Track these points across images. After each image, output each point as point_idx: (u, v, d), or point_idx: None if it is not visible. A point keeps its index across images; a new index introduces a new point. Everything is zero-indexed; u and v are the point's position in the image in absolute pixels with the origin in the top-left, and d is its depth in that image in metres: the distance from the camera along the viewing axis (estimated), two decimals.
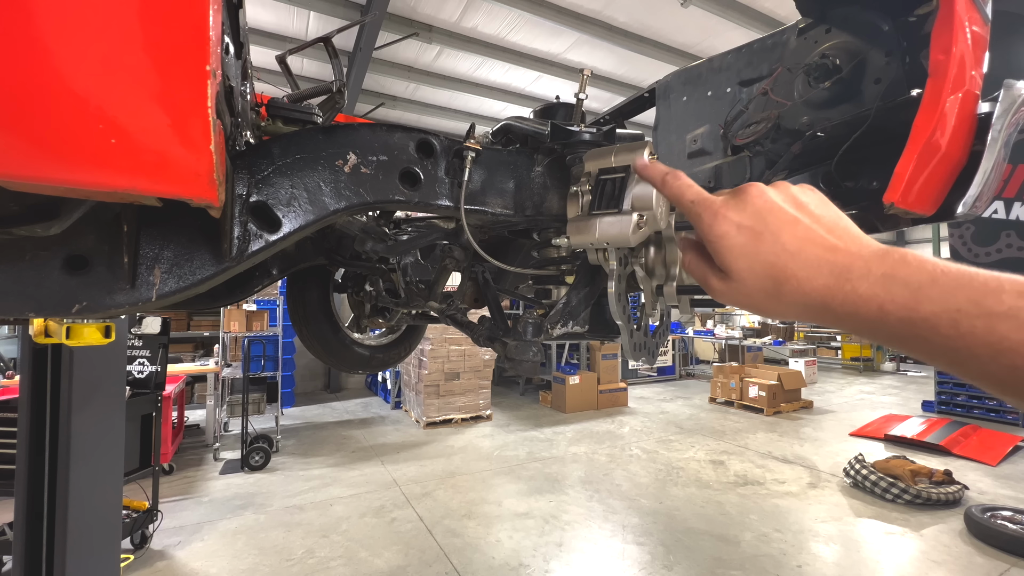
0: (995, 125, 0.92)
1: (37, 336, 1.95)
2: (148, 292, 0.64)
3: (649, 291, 0.81)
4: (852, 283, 0.42)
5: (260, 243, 0.67)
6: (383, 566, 3.68)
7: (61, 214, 0.60)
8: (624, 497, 4.92)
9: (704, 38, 7.43)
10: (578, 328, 0.94)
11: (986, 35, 0.97)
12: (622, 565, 3.73)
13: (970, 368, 0.37)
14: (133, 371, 4.19)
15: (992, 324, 0.35)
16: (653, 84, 1.65)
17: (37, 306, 0.61)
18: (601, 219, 0.73)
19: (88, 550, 2.38)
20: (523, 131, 0.99)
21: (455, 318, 1.27)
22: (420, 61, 7.96)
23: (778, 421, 7.89)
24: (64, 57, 0.43)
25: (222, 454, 6.11)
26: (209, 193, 0.50)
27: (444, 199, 0.84)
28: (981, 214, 1.57)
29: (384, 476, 5.46)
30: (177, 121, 0.47)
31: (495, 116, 9.39)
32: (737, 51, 1.41)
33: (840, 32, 1.14)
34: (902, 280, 0.39)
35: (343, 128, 0.77)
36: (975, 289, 0.36)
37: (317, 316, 1.66)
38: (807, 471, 5.63)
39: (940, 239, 10.37)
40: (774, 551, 3.89)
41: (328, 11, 6.39)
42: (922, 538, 4.10)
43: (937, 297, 0.37)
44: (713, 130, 1.40)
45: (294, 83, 1.38)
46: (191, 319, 8.25)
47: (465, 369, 7.83)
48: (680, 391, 10.63)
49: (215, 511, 4.58)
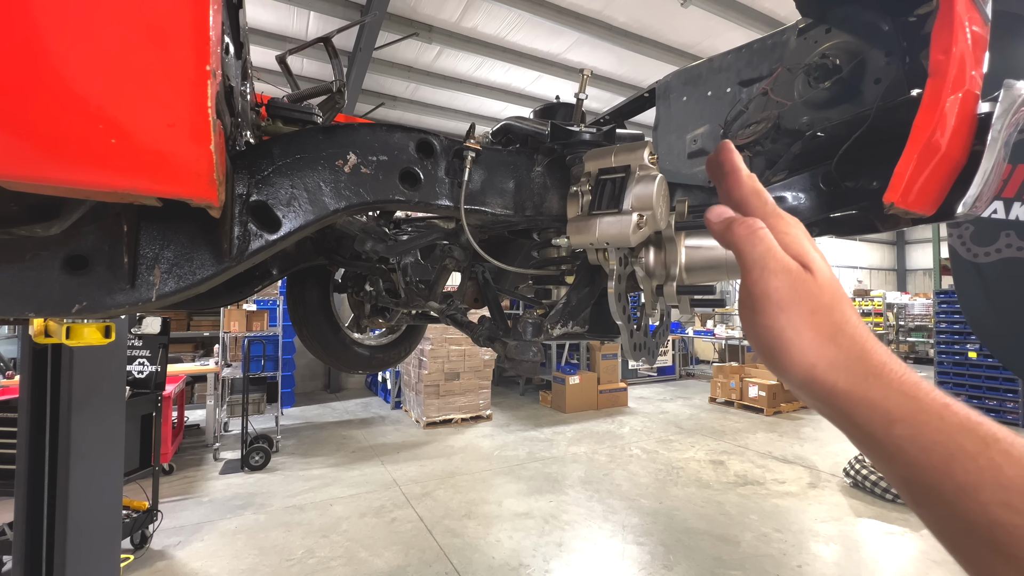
0: (995, 125, 0.92)
1: (37, 336, 1.95)
2: (148, 292, 0.64)
3: (649, 291, 0.81)
4: (866, 389, 0.41)
5: (260, 243, 0.67)
6: (383, 566, 3.68)
7: (61, 214, 0.60)
8: (624, 497, 4.92)
9: (704, 38, 7.43)
10: (578, 328, 0.94)
11: (986, 35, 0.97)
12: (622, 565, 3.73)
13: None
14: (133, 371, 4.19)
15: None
16: (653, 84, 1.65)
17: (37, 306, 0.61)
18: (601, 219, 0.73)
19: (88, 550, 2.38)
20: (523, 131, 0.98)
21: (455, 318, 1.27)
22: (420, 61, 7.96)
23: (778, 421, 7.88)
24: (64, 57, 0.43)
25: (222, 454, 6.11)
26: (209, 193, 0.50)
27: (444, 199, 0.84)
28: (981, 214, 1.57)
29: (384, 476, 5.46)
30: (177, 121, 0.47)
31: (495, 116, 9.39)
32: (737, 51, 1.41)
33: (840, 32, 1.14)
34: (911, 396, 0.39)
35: (343, 128, 0.77)
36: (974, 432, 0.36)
37: (317, 316, 1.66)
38: (807, 471, 5.63)
39: (940, 239, 10.36)
40: (774, 551, 3.89)
41: (328, 11, 6.40)
42: (922, 538, 4.10)
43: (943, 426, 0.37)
44: (713, 130, 1.40)
45: (294, 83, 1.37)
46: (191, 319, 8.25)
47: (465, 369, 7.83)
48: (680, 391, 10.63)
49: (215, 511, 4.58)
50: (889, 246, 22.27)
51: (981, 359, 7.98)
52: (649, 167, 0.76)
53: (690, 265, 0.76)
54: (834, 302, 0.44)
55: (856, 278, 20.42)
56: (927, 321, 15.22)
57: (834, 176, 1.08)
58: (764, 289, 0.44)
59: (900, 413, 0.38)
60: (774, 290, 0.44)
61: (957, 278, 4.14)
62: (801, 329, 0.43)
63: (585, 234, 0.75)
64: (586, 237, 0.74)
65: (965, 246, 3.98)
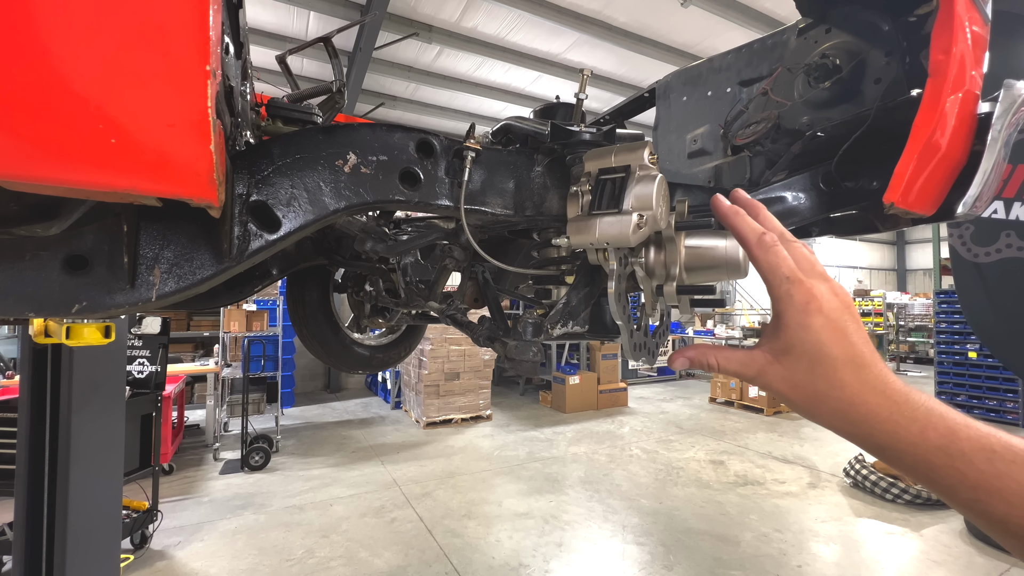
0: (995, 125, 0.92)
1: (37, 336, 1.95)
2: (148, 292, 0.64)
3: (649, 291, 0.81)
4: (900, 407, 0.45)
5: (260, 243, 0.67)
6: (383, 566, 3.68)
7: (61, 214, 0.60)
8: (624, 497, 4.92)
9: (704, 38, 7.43)
10: (578, 328, 0.94)
11: (986, 35, 0.97)
12: (622, 565, 3.73)
13: (993, 507, 0.40)
14: (133, 371, 4.19)
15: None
16: (653, 84, 1.65)
17: (37, 306, 0.61)
18: (601, 219, 0.73)
19: (88, 550, 2.38)
20: (523, 131, 0.98)
21: (455, 318, 1.27)
22: (420, 61, 7.96)
23: (778, 421, 7.88)
24: (64, 57, 0.43)
25: (222, 454, 6.11)
26: (209, 193, 0.50)
27: (444, 199, 0.84)
28: (981, 214, 1.57)
29: (384, 476, 5.46)
30: (177, 121, 0.47)
31: (495, 116, 9.39)
32: (737, 51, 1.41)
33: (840, 32, 1.14)
34: (939, 413, 0.44)
35: (343, 128, 0.77)
36: (1000, 439, 0.41)
37: (317, 316, 1.66)
38: (807, 471, 5.63)
39: (940, 239, 10.36)
40: (774, 551, 3.89)
41: (328, 11, 6.40)
42: (922, 538, 4.10)
43: (975, 436, 0.42)
44: (713, 130, 1.40)
45: (294, 83, 1.37)
46: (191, 319, 8.25)
47: (465, 369, 7.83)
48: (680, 391, 10.63)
49: (215, 511, 4.58)
50: (889, 246, 22.27)
51: (981, 359, 7.97)
52: (649, 167, 0.76)
53: (690, 265, 0.76)
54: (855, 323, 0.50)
55: (856, 278, 20.43)
56: (927, 321, 15.22)
57: (834, 176, 1.08)
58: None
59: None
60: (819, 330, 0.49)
61: (957, 278, 4.14)
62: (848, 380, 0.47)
63: (585, 234, 0.75)
64: (586, 237, 0.74)
65: (965, 246, 3.98)
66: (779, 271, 0.51)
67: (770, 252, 0.52)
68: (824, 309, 0.48)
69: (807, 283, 0.49)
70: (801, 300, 0.49)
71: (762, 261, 0.52)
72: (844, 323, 0.48)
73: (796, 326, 0.49)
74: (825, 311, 0.48)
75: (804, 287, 0.49)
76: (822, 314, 0.48)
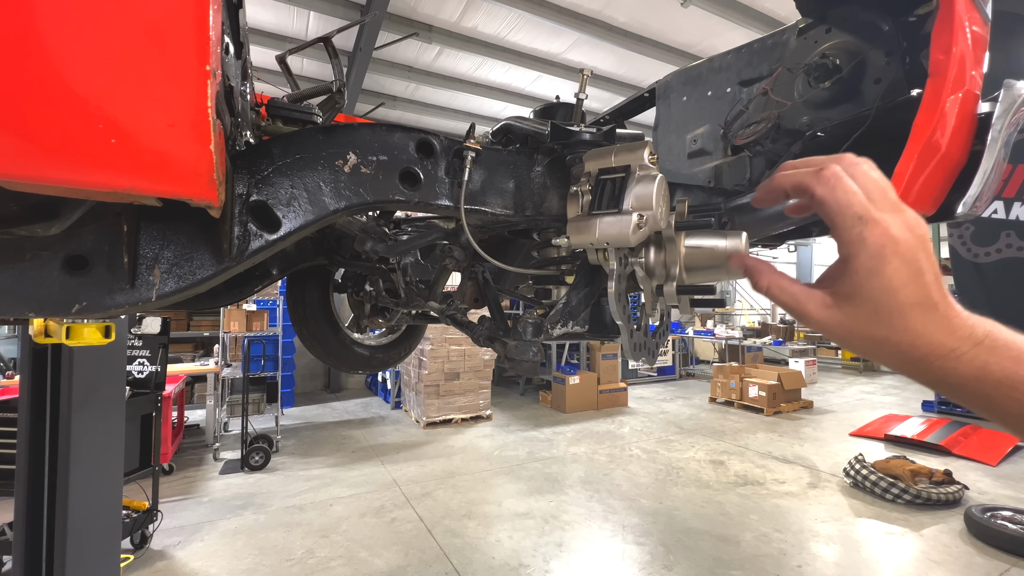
0: (995, 125, 0.92)
1: (37, 336, 1.95)
2: (148, 292, 0.64)
3: (649, 291, 0.81)
4: (961, 343, 0.43)
5: (260, 243, 0.67)
6: (383, 566, 3.68)
7: (61, 214, 0.60)
8: (624, 497, 4.92)
9: (704, 38, 7.43)
10: (578, 328, 0.94)
11: (986, 35, 0.97)
12: (622, 565, 3.73)
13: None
14: (133, 371, 4.19)
15: None
16: (653, 84, 1.65)
17: (37, 306, 0.61)
18: (601, 219, 0.73)
19: (88, 550, 2.38)
20: (523, 131, 0.99)
21: (455, 318, 1.27)
22: (420, 61, 7.96)
23: (778, 421, 7.88)
24: (64, 57, 0.43)
25: (222, 454, 6.11)
26: (209, 193, 0.50)
27: (444, 199, 0.84)
28: (981, 214, 1.57)
29: (384, 476, 5.46)
30: (177, 121, 0.47)
31: (495, 116, 9.39)
32: (737, 51, 1.41)
33: (840, 32, 1.14)
34: (1004, 342, 0.42)
35: (343, 128, 0.77)
36: None
37: (317, 316, 1.66)
38: (807, 471, 5.63)
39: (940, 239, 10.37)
40: (774, 551, 3.89)
41: (328, 11, 6.39)
42: (922, 538, 4.10)
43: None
44: (713, 130, 1.40)
45: (294, 83, 1.37)
46: (191, 319, 8.25)
47: (465, 369, 7.83)
48: (680, 391, 10.63)
49: (215, 511, 4.58)
50: None
51: None
52: (649, 167, 0.76)
53: (690, 265, 0.76)
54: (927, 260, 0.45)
55: None
56: None
57: None
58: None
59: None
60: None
61: (957, 278, 4.14)
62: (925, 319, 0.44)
63: (585, 234, 0.75)
64: (586, 237, 0.74)
65: (965, 246, 3.99)
66: (851, 210, 0.45)
67: (837, 189, 0.45)
68: (900, 251, 0.43)
69: (882, 223, 0.44)
70: (876, 244, 0.44)
71: (829, 201, 0.46)
72: (919, 263, 0.43)
73: (866, 272, 0.44)
74: (901, 252, 0.43)
75: (879, 228, 0.44)
76: (897, 256, 0.43)
